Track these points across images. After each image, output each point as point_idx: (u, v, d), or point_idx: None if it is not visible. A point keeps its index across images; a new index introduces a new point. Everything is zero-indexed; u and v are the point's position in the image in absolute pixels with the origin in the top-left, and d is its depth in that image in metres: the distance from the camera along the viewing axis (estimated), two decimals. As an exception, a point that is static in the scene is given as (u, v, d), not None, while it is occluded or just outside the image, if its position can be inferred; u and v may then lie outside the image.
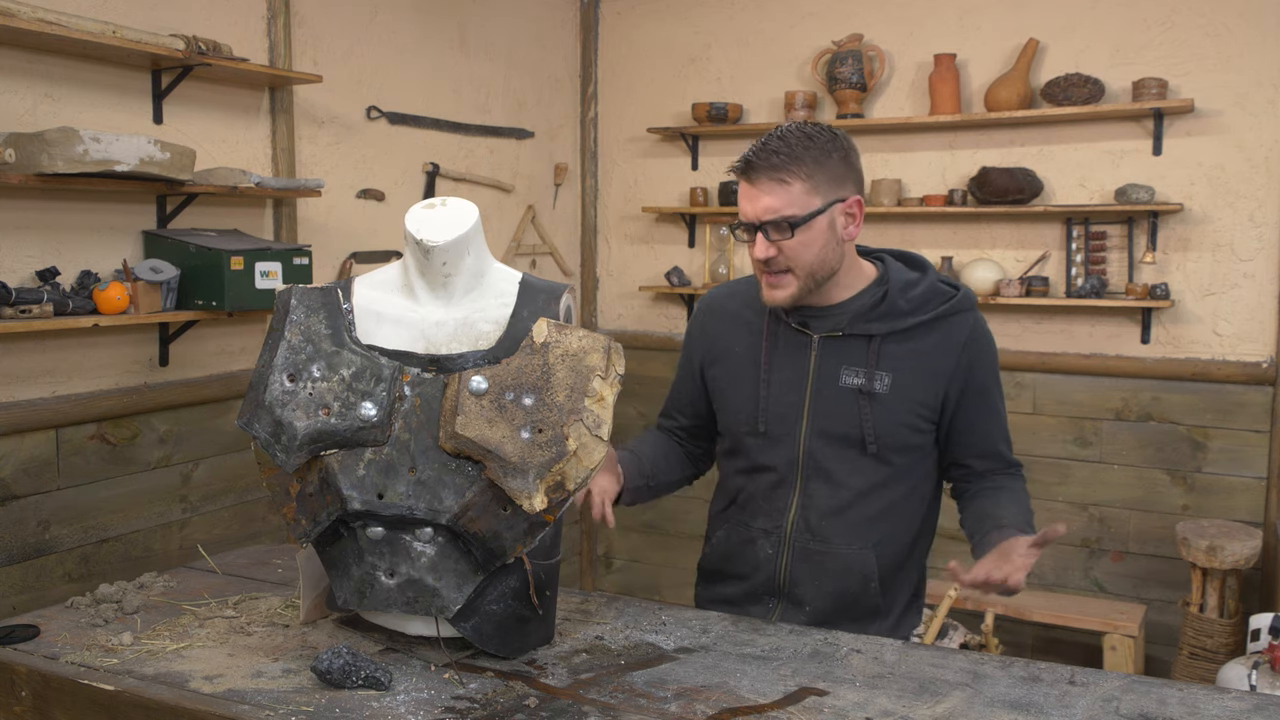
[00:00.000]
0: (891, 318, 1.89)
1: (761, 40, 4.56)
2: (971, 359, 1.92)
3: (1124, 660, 3.60)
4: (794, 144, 1.80)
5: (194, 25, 3.12)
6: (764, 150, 1.81)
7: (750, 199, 1.83)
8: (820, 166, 1.81)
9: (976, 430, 1.95)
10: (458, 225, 1.65)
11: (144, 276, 2.87)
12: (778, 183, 1.80)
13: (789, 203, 1.80)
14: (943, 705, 1.50)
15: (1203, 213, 3.86)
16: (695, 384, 2.09)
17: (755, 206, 1.82)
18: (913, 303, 1.90)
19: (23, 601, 2.72)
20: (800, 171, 1.80)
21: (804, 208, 1.80)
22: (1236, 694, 1.55)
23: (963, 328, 1.92)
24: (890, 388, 1.88)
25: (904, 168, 4.33)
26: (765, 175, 1.81)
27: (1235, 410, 3.84)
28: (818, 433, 1.91)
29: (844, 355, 1.91)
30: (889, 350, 1.90)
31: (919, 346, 1.90)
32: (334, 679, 1.54)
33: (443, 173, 4.11)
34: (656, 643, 1.74)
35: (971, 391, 1.92)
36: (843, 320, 1.91)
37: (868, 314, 1.90)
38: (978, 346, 1.93)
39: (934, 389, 1.90)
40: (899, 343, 1.90)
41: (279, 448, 1.59)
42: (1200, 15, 3.81)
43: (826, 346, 1.92)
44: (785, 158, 1.80)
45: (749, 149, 1.84)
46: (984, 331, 1.95)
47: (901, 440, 1.91)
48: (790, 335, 1.95)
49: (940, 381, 1.90)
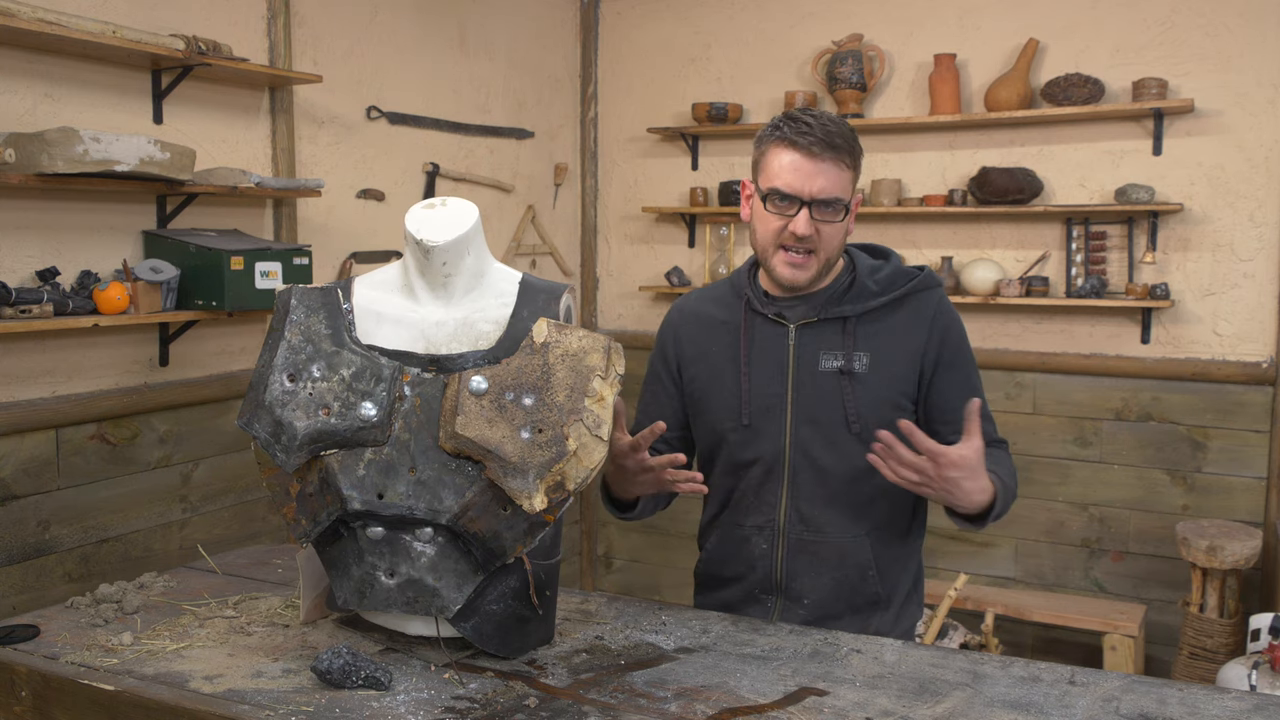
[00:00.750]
0: (862, 299, 1.93)
1: (761, 40, 4.56)
2: (942, 333, 1.94)
3: (1124, 660, 3.60)
4: (845, 130, 1.84)
5: (194, 25, 3.12)
6: (824, 128, 1.81)
7: (806, 174, 1.82)
8: (859, 158, 1.88)
9: (951, 403, 1.93)
10: (458, 225, 1.65)
11: (144, 276, 2.87)
12: (839, 165, 1.83)
13: (844, 187, 1.84)
14: (943, 705, 1.50)
15: (1203, 213, 3.86)
16: (672, 393, 2.08)
17: (811, 183, 1.82)
18: (880, 284, 1.94)
19: (23, 601, 2.72)
20: (852, 159, 1.85)
21: (849, 194, 1.86)
22: (1236, 694, 1.55)
23: (929, 303, 1.95)
24: (869, 367, 1.91)
25: (904, 168, 4.33)
26: (830, 154, 1.82)
27: (1235, 410, 3.84)
28: (803, 420, 1.92)
29: (821, 340, 1.93)
30: (863, 331, 1.93)
31: (890, 324, 1.93)
32: (334, 679, 1.54)
33: (443, 173, 4.11)
34: (656, 643, 1.74)
35: (944, 365, 1.94)
36: (817, 306, 1.93)
37: (840, 298, 1.93)
38: (945, 320, 1.95)
39: (910, 364, 1.92)
40: (871, 323, 1.93)
41: (279, 448, 1.59)
42: (1200, 15, 3.81)
43: (803, 333, 1.94)
44: (846, 141, 1.83)
45: (803, 119, 1.83)
46: (949, 308, 1.98)
47: (885, 419, 1.88)
48: (766, 327, 1.96)
49: (915, 357, 1.93)
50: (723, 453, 2.00)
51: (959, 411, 1.91)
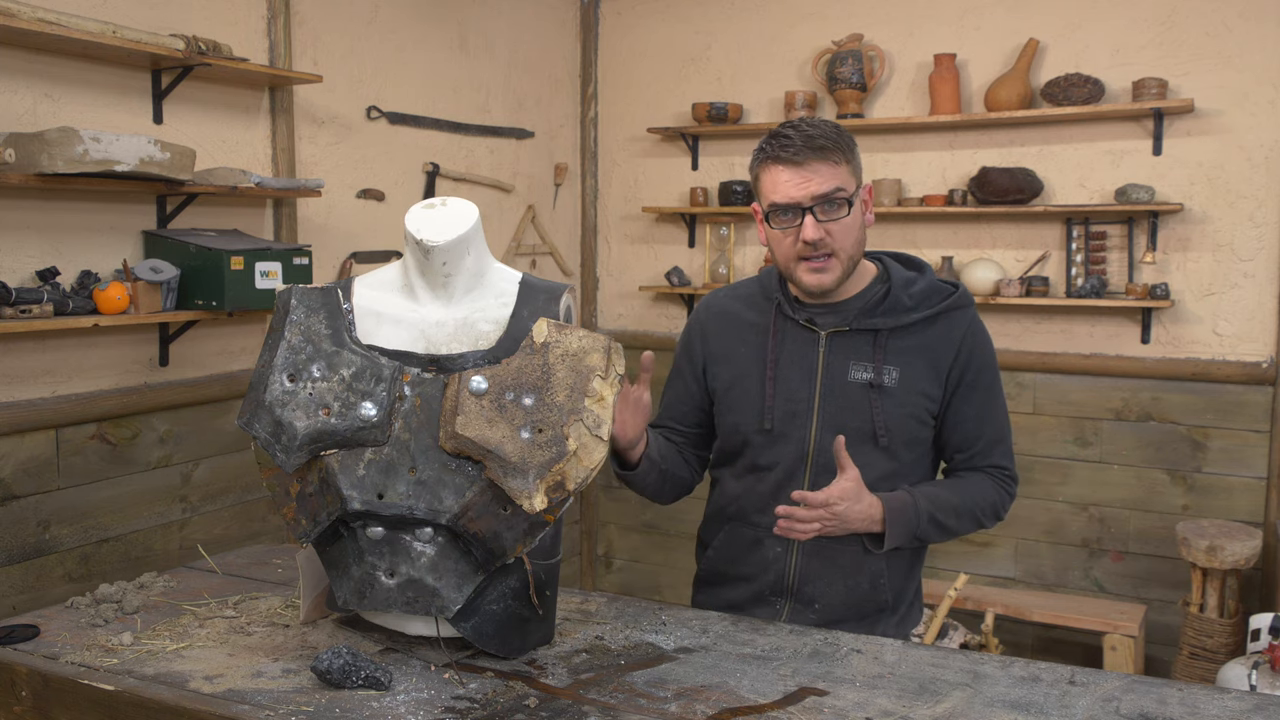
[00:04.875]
0: (896, 313, 1.92)
1: (761, 40, 4.56)
2: (969, 354, 1.94)
3: (1124, 660, 3.60)
4: (828, 130, 1.84)
5: (194, 25, 3.12)
6: (803, 135, 1.83)
7: (796, 182, 1.82)
8: (852, 152, 1.87)
9: (962, 425, 1.95)
10: (458, 225, 1.65)
11: (144, 276, 2.87)
12: (830, 164, 1.83)
13: (842, 180, 1.83)
14: (943, 705, 1.50)
15: (1203, 213, 3.86)
16: (696, 387, 2.08)
17: (804, 188, 1.82)
18: (915, 298, 1.93)
19: (23, 601, 2.72)
20: (842, 155, 1.84)
21: (851, 186, 1.85)
22: (1236, 694, 1.55)
23: (961, 323, 1.95)
24: (898, 381, 1.91)
25: (904, 168, 4.33)
26: (815, 156, 1.82)
27: (1235, 410, 3.84)
28: (829, 428, 1.91)
29: (851, 350, 1.92)
30: (894, 345, 1.92)
31: (922, 341, 1.92)
32: (334, 679, 1.54)
33: (443, 173, 4.11)
34: (656, 643, 1.74)
35: (965, 385, 1.94)
36: (849, 316, 1.93)
37: (873, 310, 1.92)
38: (974, 342, 1.95)
39: (937, 381, 1.93)
40: (903, 337, 1.92)
41: (279, 448, 1.59)
42: (1200, 15, 3.81)
43: (834, 342, 1.93)
44: (829, 140, 1.83)
45: (783, 133, 1.84)
46: (981, 329, 1.98)
47: (910, 433, 1.92)
48: (797, 332, 1.96)
49: (941, 374, 1.93)
50: (744, 454, 2.01)
51: (962, 434, 1.96)
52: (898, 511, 1.86)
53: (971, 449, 1.96)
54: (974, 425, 1.95)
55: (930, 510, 1.88)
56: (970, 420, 1.95)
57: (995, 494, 1.96)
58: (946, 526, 1.90)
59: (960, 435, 1.96)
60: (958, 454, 1.98)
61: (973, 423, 1.95)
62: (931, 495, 1.90)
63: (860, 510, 1.81)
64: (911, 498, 1.88)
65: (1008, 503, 1.99)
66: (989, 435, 1.97)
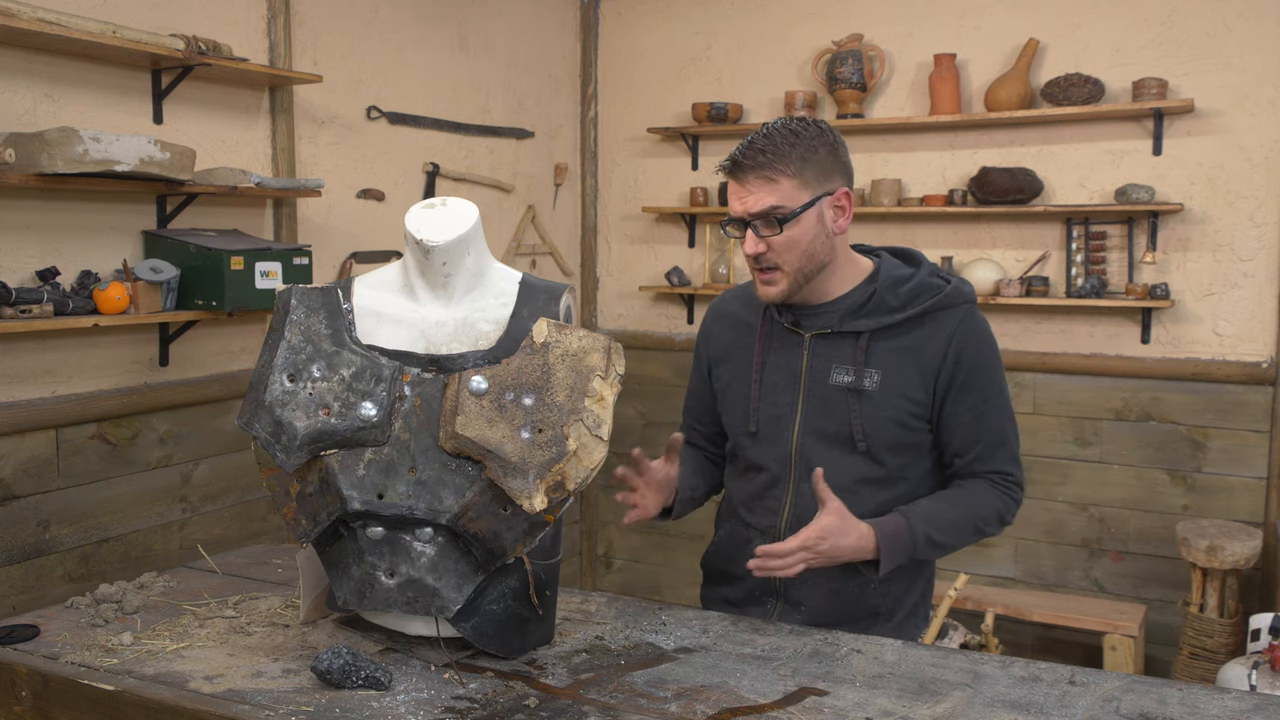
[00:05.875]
0: (879, 314, 1.89)
1: (761, 40, 4.56)
2: (958, 354, 1.88)
3: (1124, 660, 3.60)
4: (780, 141, 1.81)
5: (194, 25, 3.12)
6: (750, 149, 1.82)
7: (739, 197, 1.84)
8: (807, 162, 1.82)
9: (957, 429, 1.90)
10: (458, 225, 1.65)
11: (144, 276, 2.87)
12: (765, 180, 1.81)
13: (778, 198, 1.81)
14: (943, 705, 1.50)
15: (1203, 213, 3.86)
16: (705, 388, 2.11)
17: (744, 204, 1.84)
18: (901, 298, 1.89)
19: (23, 601, 2.72)
20: (788, 168, 1.81)
21: (793, 202, 1.81)
22: (1236, 694, 1.55)
23: (950, 322, 1.89)
24: (879, 385, 1.87)
25: (904, 168, 4.33)
26: (753, 174, 1.82)
27: (1235, 410, 3.84)
28: (810, 432, 1.91)
29: (834, 353, 1.90)
30: (877, 347, 1.89)
31: (907, 342, 1.88)
32: (334, 679, 1.54)
33: (443, 173, 4.11)
34: (656, 643, 1.74)
35: (956, 388, 1.88)
36: (833, 318, 1.91)
37: (857, 311, 1.90)
38: (966, 340, 1.89)
39: (923, 385, 1.88)
40: (887, 339, 1.89)
41: (279, 448, 1.59)
42: (1200, 15, 3.81)
43: (818, 345, 1.92)
44: (772, 155, 1.81)
45: (736, 148, 1.86)
46: (975, 328, 1.91)
47: (892, 438, 1.88)
48: (783, 335, 1.96)
49: (929, 377, 1.88)
50: (739, 454, 2.03)
51: (959, 438, 1.91)
52: (891, 538, 1.81)
53: (969, 453, 1.91)
54: (969, 429, 1.90)
55: (927, 531, 1.84)
56: (965, 423, 1.89)
57: (998, 502, 1.91)
58: (946, 544, 1.87)
59: (956, 439, 1.91)
60: (956, 458, 1.93)
61: (968, 426, 1.90)
62: (928, 515, 1.86)
63: (850, 543, 1.78)
64: (906, 521, 1.83)
65: (1013, 509, 1.93)
66: (987, 439, 1.91)
